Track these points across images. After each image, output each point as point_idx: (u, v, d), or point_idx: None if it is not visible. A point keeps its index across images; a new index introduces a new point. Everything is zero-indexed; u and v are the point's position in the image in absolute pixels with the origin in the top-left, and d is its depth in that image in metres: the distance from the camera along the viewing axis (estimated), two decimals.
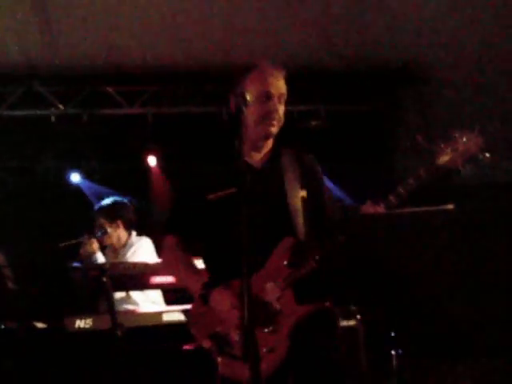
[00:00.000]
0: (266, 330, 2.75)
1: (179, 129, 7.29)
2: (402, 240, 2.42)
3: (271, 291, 2.79)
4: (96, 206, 5.50)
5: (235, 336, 2.76)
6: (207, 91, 7.18)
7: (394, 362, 3.01)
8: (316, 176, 3.13)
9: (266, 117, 2.96)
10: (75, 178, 7.79)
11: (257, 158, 3.07)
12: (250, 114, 2.95)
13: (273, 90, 2.97)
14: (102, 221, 5.33)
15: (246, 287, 2.38)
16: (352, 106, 7.62)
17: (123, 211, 5.44)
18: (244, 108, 2.77)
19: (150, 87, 7.16)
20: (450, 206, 2.42)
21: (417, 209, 2.54)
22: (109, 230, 5.27)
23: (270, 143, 3.10)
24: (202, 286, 2.88)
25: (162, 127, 7.21)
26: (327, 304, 2.84)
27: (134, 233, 5.43)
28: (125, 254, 5.24)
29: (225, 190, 2.93)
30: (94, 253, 5.12)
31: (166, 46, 6.60)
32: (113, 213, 5.36)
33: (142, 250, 5.24)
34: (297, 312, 2.77)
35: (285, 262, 2.82)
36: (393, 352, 3.05)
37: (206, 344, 2.84)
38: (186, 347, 4.23)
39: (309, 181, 3.06)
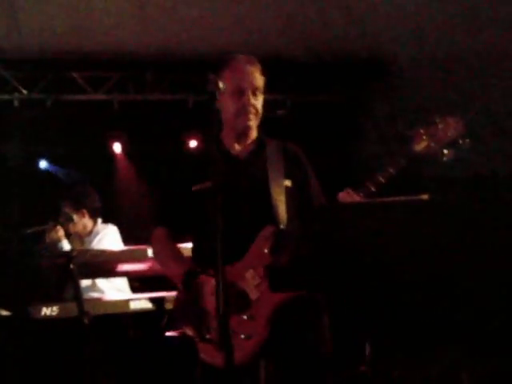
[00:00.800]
0: (245, 317, 2.80)
1: (145, 116, 7.26)
2: (375, 230, 2.44)
3: (250, 278, 2.84)
4: (61, 194, 5.47)
5: (215, 322, 2.77)
6: (173, 78, 7.15)
7: (367, 351, 3.03)
8: (301, 166, 3.17)
9: (242, 111, 3.03)
10: (43, 164, 7.72)
11: (240, 148, 3.14)
12: (228, 109, 3.06)
13: (246, 85, 3.04)
14: (68, 209, 5.30)
15: (221, 276, 2.40)
16: (318, 97, 7.63)
17: (88, 200, 5.41)
18: (217, 94, 2.75)
19: (116, 73, 7.08)
20: (425, 196, 2.42)
21: (390, 198, 2.52)
22: (74, 217, 5.23)
23: (253, 134, 3.16)
24: (184, 274, 2.93)
25: (127, 114, 7.16)
26: (305, 292, 2.85)
27: (99, 220, 5.41)
28: (91, 242, 5.22)
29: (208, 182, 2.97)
30: (59, 240, 5.08)
31: (132, 33, 6.54)
32: (78, 201, 5.33)
33: (108, 238, 5.22)
34: (275, 299, 2.81)
35: (265, 250, 2.86)
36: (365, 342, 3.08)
37: (189, 331, 2.90)
38: (170, 334, 4.26)
39: (293, 170, 3.10)
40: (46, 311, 4.28)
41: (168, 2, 6.15)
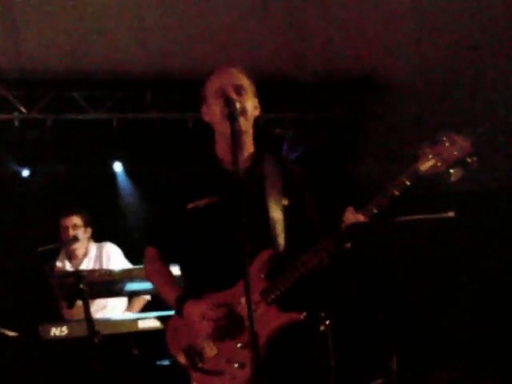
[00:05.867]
0: (239, 345, 2.72)
1: (144, 135, 7.28)
2: (401, 248, 2.46)
3: (246, 305, 2.64)
4: (66, 211, 5.43)
5: (208, 349, 2.77)
6: (172, 98, 7.17)
7: (393, 364, 3.03)
8: (300, 183, 3.05)
9: (226, 111, 2.79)
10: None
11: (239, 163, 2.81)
12: (214, 114, 2.92)
13: (225, 82, 2.91)
14: (78, 221, 5.28)
15: (247, 289, 2.39)
16: (315, 115, 7.68)
17: (90, 219, 5.40)
18: (237, 116, 2.74)
19: (115, 93, 7.08)
20: (451, 214, 2.41)
21: (416, 216, 2.50)
22: (80, 236, 5.20)
23: (249, 147, 3.01)
24: (176, 299, 2.86)
25: (127, 133, 7.17)
26: (302, 316, 2.73)
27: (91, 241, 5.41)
28: (92, 262, 5.20)
29: (204, 199, 2.91)
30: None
31: (131, 52, 6.57)
32: (85, 219, 5.31)
33: (115, 257, 5.21)
34: (269, 326, 2.71)
35: (262, 275, 2.77)
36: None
37: (181, 358, 2.82)
38: (161, 363, 4.22)
39: (292, 188, 2.98)
40: (56, 331, 4.26)
41: (167, 21, 6.19)
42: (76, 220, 5.31)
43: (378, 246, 2.43)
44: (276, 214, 2.89)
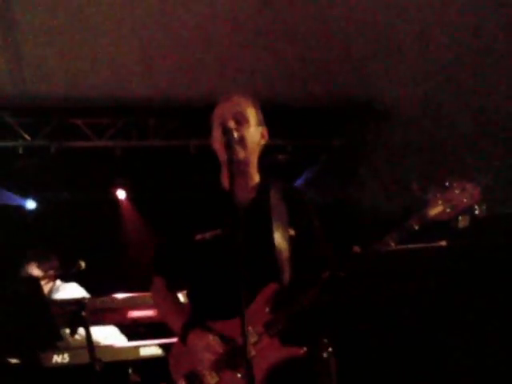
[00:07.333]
0: (239, 375, 2.73)
1: (147, 162, 7.31)
2: (395, 276, 2.48)
3: (248, 336, 2.61)
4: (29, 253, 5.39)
5: (209, 377, 2.78)
6: (175, 124, 7.21)
7: None
8: (306, 213, 3.03)
9: (225, 142, 2.78)
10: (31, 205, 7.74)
11: (243, 193, 2.93)
12: (214, 144, 2.95)
13: (226, 112, 2.92)
14: (36, 271, 5.24)
15: (244, 325, 2.42)
16: (317, 141, 7.71)
17: (55, 262, 5.37)
18: (233, 144, 2.76)
19: (119, 120, 7.12)
20: (443, 243, 2.42)
21: (410, 246, 2.51)
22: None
23: (253, 177, 3.02)
24: (182, 326, 2.89)
25: (130, 160, 7.21)
26: (302, 351, 2.73)
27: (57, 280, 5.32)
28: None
29: (212, 231, 2.91)
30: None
31: (134, 80, 6.63)
32: (45, 266, 5.28)
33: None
34: (270, 359, 2.72)
35: (267, 309, 2.78)
36: None
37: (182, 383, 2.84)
38: None
39: (297, 218, 2.96)
40: (57, 359, 4.26)
41: (170, 49, 6.25)
42: (31, 270, 5.24)
43: (372, 275, 2.45)
44: (282, 244, 2.88)
